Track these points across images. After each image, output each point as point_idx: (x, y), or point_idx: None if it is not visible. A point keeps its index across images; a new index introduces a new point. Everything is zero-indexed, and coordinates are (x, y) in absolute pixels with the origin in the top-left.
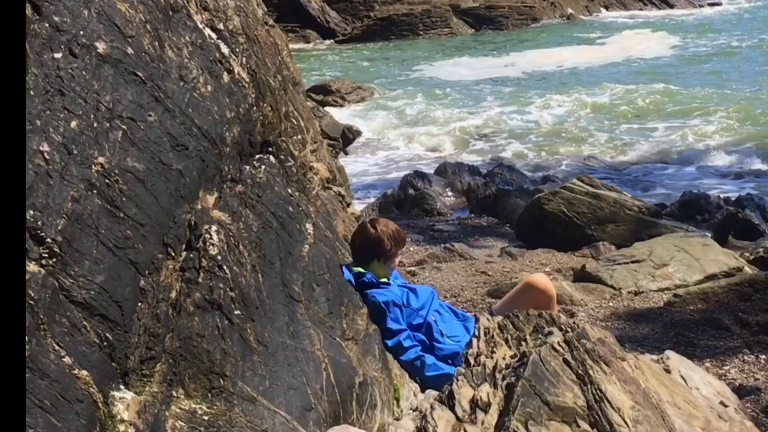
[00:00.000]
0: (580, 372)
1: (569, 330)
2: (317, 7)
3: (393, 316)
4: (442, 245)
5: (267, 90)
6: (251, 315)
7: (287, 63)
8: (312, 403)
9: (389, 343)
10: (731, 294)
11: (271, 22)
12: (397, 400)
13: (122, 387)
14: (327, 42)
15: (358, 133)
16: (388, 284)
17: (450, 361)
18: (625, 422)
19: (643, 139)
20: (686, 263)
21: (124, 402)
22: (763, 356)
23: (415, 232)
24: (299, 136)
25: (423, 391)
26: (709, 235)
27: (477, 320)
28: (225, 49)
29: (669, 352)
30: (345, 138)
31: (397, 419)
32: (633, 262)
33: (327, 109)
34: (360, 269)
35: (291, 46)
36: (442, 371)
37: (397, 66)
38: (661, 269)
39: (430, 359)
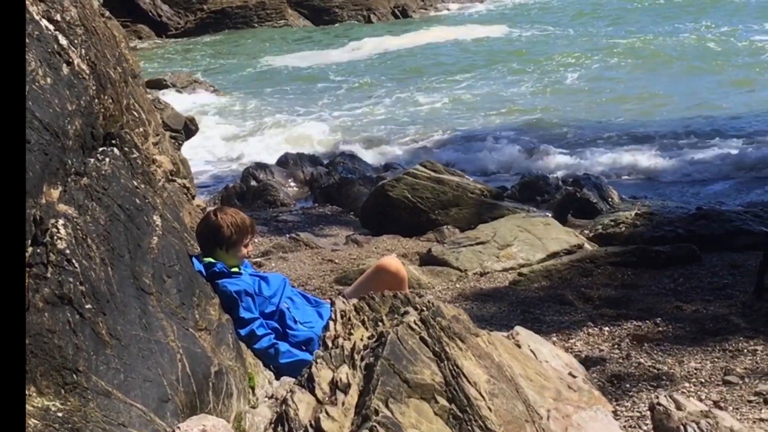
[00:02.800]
0: (436, 349)
1: (424, 309)
2: (148, 1)
3: (245, 305)
4: (288, 235)
5: (108, 82)
6: (102, 309)
7: (126, 55)
8: (168, 394)
9: (242, 332)
10: (573, 270)
11: (107, 14)
12: (252, 388)
13: None
14: (160, 36)
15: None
16: (240, 273)
17: (304, 348)
18: (482, 396)
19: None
20: (529, 243)
21: None
22: (606, 328)
23: (259, 224)
24: (141, 129)
25: (278, 378)
26: (550, 214)
27: (333, 304)
28: (63, 41)
29: (518, 328)
30: (187, 130)
31: (254, 407)
32: (477, 243)
33: (168, 100)
34: (210, 259)
35: None
36: (296, 357)
37: (233, 58)
38: (505, 249)
39: (284, 346)
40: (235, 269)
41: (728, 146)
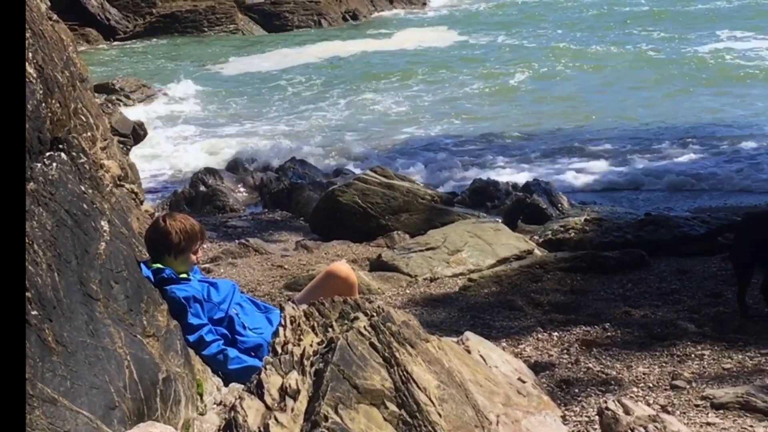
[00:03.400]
0: (386, 355)
1: (374, 314)
2: (97, 5)
3: (193, 311)
4: (237, 241)
5: (55, 86)
6: (49, 315)
7: (74, 59)
8: (115, 401)
9: (191, 338)
10: (523, 276)
11: (55, 17)
12: (201, 395)
13: None
14: (108, 40)
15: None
16: (188, 280)
17: (253, 354)
18: (432, 401)
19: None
20: (479, 248)
21: None
22: (556, 333)
23: (208, 229)
24: (89, 133)
25: (226, 385)
26: (500, 220)
27: (282, 310)
28: None
29: (468, 333)
30: (136, 135)
31: (202, 414)
32: (428, 249)
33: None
34: (159, 265)
35: None
36: (245, 364)
37: (182, 63)
38: (455, 255)
39: (233, 353)
40: (184, 275)
41: (673, 156)
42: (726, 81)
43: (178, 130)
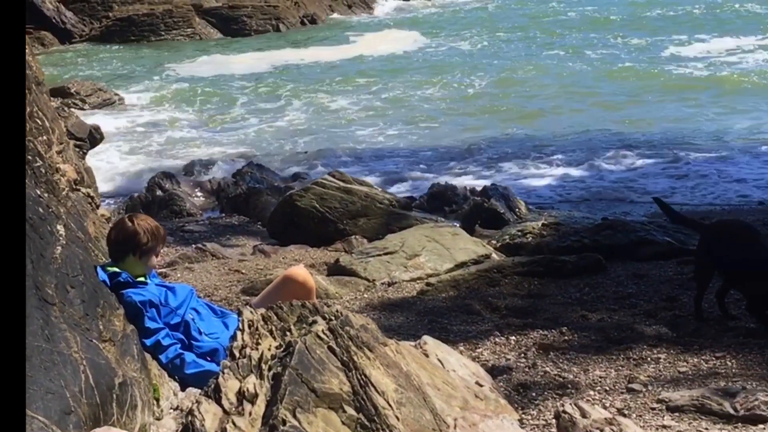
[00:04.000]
0: (344, 358)
1: (333, 318)
2: (52, 8)
3: (150, 315)
4: (194, 246)
5: None
6: None
7: (29, 62)
8: (71, 406)
9: (147, 342)
10: (481, 280)
11: None
12: (157, 399)
13: None
14: (64, 43)
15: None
16: (145, 283)
17: (209, 358)
18: (390, 405)
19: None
20: (437, 253)
21: None
22: (513, 337)
23: None
24: (45, 137)
25: (183, 390)
26: (458, 224)
27: (240, 314)
28: None
29: (426, 337)
30: (92, 139)
31: (158, 419)
32: (386, 254)
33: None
34: (115, 269)
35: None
36: (202, 368)
37: (139, 67)
38: (413, 259)
39: (189, 357)
40: (141, 278)
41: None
42: (677, 90)
43: (133, 133)
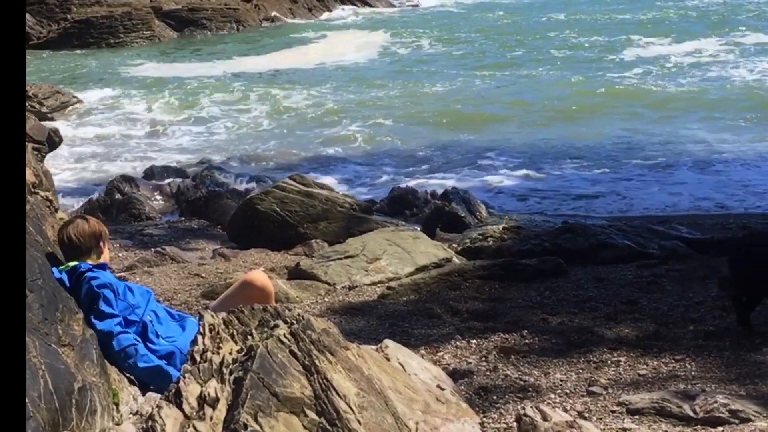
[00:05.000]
0: (306, 362)
1: (295, 322)
2: None
3: (106, 298)
4: (153, 249)
5: None
6: None
7: None
8: (30, 411)
9: (99, 325)
10: (441, 284)
11: None
12: (117, 404)
13: None
14: None
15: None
16: (105, 269)
17: (166, 362)
18: (351, 409)
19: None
20: (398, 256)
21: None
22: (474, 341)
23: (123, 237)
24: None
25: (143, 393)
26: (419, 228)
27: (201, 318)
28: None
29: (387, 341)
30: (51, 142)
31: (118, 424)
32: (346, 257)
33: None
34: (73, 263)
35: None
36: (153, 363)
37: (97, 69)
38: (374, 263)
39: (143, 349)
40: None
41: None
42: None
43: (92, 136)
